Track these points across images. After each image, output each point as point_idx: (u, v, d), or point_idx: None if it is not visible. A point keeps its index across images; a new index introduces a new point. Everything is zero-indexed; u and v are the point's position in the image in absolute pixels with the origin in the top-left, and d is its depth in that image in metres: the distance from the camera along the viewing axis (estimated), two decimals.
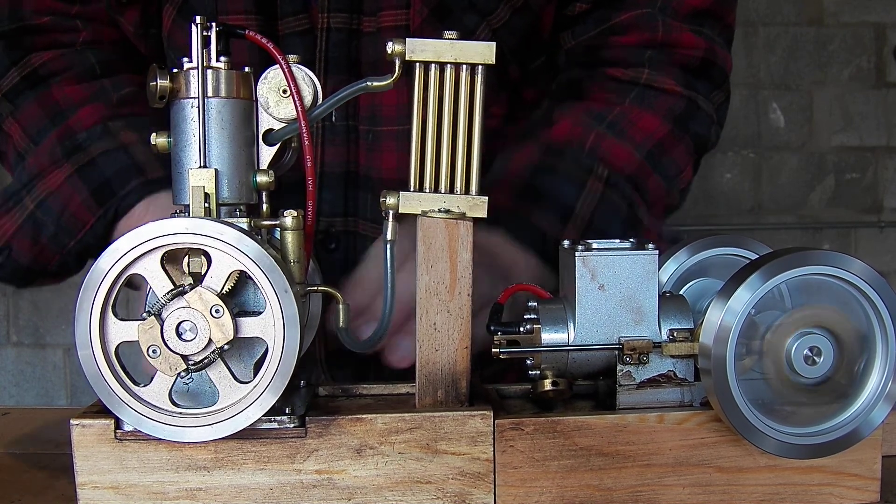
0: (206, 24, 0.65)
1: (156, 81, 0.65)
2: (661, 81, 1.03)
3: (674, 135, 1.02)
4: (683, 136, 1.03)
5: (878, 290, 0.65)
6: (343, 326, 0.69)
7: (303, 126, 0.67)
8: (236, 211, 0.66)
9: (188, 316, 0.60)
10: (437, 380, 0.67)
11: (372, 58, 0.99)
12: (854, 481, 0.68)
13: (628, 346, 0.67)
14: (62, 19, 1.04)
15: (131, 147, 0.97)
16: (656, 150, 1.01)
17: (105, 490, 0.64)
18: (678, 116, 1.03)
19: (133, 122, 0.99)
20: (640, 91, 1.03)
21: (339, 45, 0.99)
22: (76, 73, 1.02)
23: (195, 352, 0.61)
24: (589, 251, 0.68)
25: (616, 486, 0.67)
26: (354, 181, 1.01)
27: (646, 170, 1.00)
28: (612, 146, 0.99)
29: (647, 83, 1.03)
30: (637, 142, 1.00)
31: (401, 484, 0.65)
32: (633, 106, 1.02)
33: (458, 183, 0.68)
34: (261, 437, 0.64)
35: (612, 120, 1.01)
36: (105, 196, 0.95)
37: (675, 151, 1.03)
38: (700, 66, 1.05)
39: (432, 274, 0.66)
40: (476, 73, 0.67)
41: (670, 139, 1.02)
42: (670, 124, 1.02)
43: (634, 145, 1.00)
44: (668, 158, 1.02)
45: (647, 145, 1.01)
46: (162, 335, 0.60)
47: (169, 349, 0.60)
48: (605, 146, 0.99)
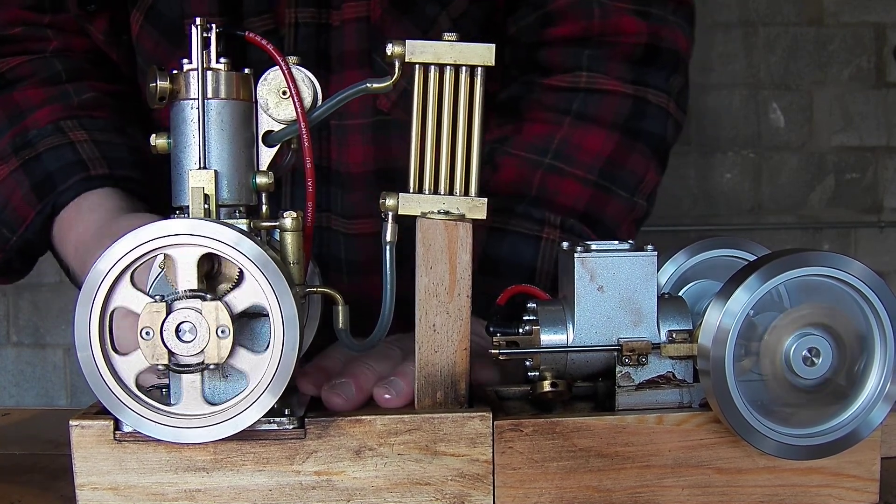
0: (205, 24, 0.66)
1: (156, 83, 0.65)
2: (603, 83, 1.00)
3: (624, 145, 0.99)
4: (635, 142, 1.00)
5: (876, 291, 0.65)
6: (342, 328, 0.69)
7: (303, 127, 0.67)
8: (236, 212, 0.66)
9: (195, 321, 0.60)
10: (437, 381, 0.67)
11: (339, 51, 0.99)
12: (853, 482, 0.68)
13: (627, 348, 0.68)
14: (33, 29, 1.04)
15: (79, 144, 0.96)
16: (609, 169, 0.99)
17: (104, 491, 0.64)
18: (626, 120, 1.00)
19: (87, 123, 0.99)
20: (582, 100, 1.00)
21: (307, 39, 0.99)
22: (41, 79, 1.02)
23: (184, 355, 0.61)
24: (588, 252, 0.68)
25: (615, 487, 0.67)
26: (326, 176, 1.00)
27: (600, 198, 0.98)
28: (559, 184, 0.97)
29: (588, 87, 1.00)
30: (587, 166, 0.98)
31: (400, 485, 0.65)
32: (575, 125, 0.99)
33: (457, 184, 0.68)
34: (260, 438, 0.64)
35: (556, 149, 0.98)
36: (45, 191, 0.95)
37: (630, 161, 1.00)
38: (645, 54, 1.01)
39: (431, 275, 0.67)
40: (475, 75, 0.68)
41: (621, 151, 0.99)
42: (618, 133, 0.99)
43: (584, 173, 0.97)
44: (624, 172, 0.99)
45: (597, 166, 0.98)
46: (162, 324, 0.60)
47: (162, 339, 0.60)
48: (552, 186, 0.97)
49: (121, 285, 0.61)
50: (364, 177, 1.00)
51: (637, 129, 1.00)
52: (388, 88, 0.68)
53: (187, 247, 0.61)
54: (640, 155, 1.01)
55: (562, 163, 0.98)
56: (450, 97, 0.68)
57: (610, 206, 0.99)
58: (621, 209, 1.00)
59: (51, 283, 2.61)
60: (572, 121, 0.99)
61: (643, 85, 1.01)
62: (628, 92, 1.00)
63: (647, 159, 1.02)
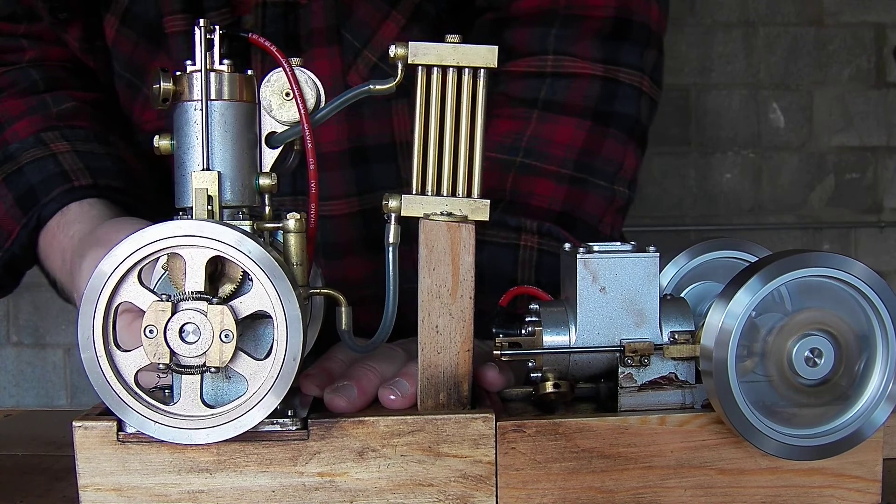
0: (209, 26, 0.66)
1: (159, 84, 0.65)
2: (570, 65, 0.97)
3: (596, 132, 0.97)
4: (607, 127, 0.97)
5: (878, 291, 0.65)
6: (345, 329, 0.69)
7: (306, 129, 0.67)
8: (239, 213, 0.66)
9: (200, 323, 0.60)
10: (439, 382, 0.68)
11: (307, 29, 0.98)
12: (855, 483, 0.68)
13: (630, 349, 0.68)
14: (8, 40, 1.04)
15: (61, 155, 0.95)
16: (584, 159, 0.96)
17: (107, 492, 0.64)
18: (596, 104, 0.97)
19: (68, 134, 0.98)
20: (549, 87, 0.97)
21: (275, 19, 0.98)
22: (18, 90, 1.02)
23: (186, 356, 0.61)
24: (590, 254, 0.68)
25: (618, 487, 0.67)
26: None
27: (577, 194, 0.96)
28: (532, 185, 0.95)
29: (555, 71, 0.97)
30: (560, 159, 0.96)
31: (403, 486, 0.66)
32: (544, 118, 0.97)
33: (460, 186, 0.68)
34: (263, 439, 0.64)
35: (527, 146, 0.96)
36: (29, 204, 0.94)
37: (605, 149, 0.97)
38: (614, 29, 0.98)
39: (434, 277, 0.67)
40: (478, 77, 0.68)
41: (594, 139, 0.97)
42: (588, 121, 0.97)
43: (558, 167, 0.95)
44: (600, 160, 0.97)
45: (571, 158, 0.96)
46: (167, 324, 0.60)
47: (165, 339, 0.60)
48: (525, 188, 0.95)
49: (127, 282, 0.61)
50: (338, 156, 1.00)
51: (609, 113, 0.98)
52: (392, 90, 0.68)
53: (191, 248, 0.61)
54: (614, 140, 0.98)
55: (534, 160, 0.96)
56: (452, 99, 0.68)
57: (588, 201, 0.97)
58: (600, 201, 0.98)
59: None
60: (540, 113, 0.97)
61: (614, 63, 0.98)
62: (597, 73, 0.97)
63: (622, 144, 0.99)
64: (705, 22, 2.60)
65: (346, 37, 0.99)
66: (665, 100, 2.58)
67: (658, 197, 2.60)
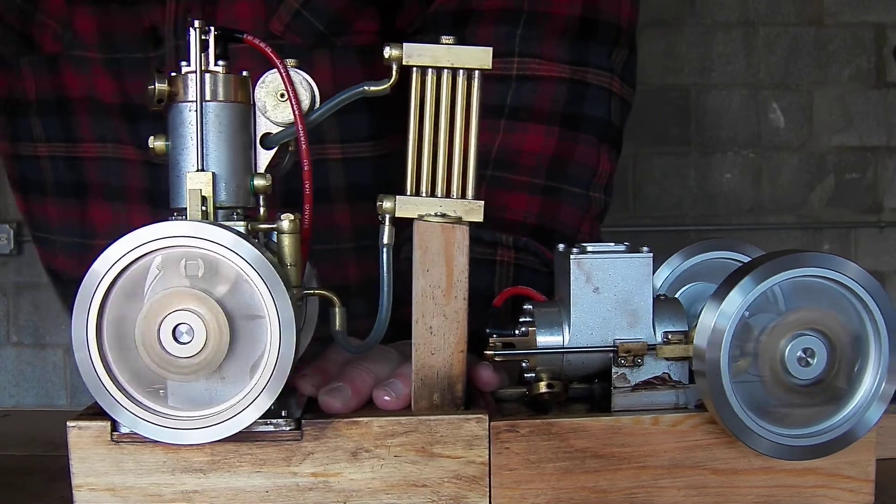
0: (204, 27, 0.66)
1: (154, 85, 0.65)
2: (536, 68, 0.94)
3: (566, 138, 0.95)
4: (577, 132, 0.95)
5: (870, 291, 0.65)
6: (339, 330, 0.70)
7: (300, 130, 0.68)
8: (234, 214, 0.67)
9: (193, 323, 0.61)
10: (433, 383, 0.68)
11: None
12: (848, 483, 0.69)
13: (623, 349, 0.68)
14: None
15: None
16: (556, 168, 0.94)
17: (101, 492, 0.65)
18: (564, 108, 0.95)
19: None
20: (515, 92, 0.94)
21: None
22: None
23: (180, 357, 0.61)
24: (584, 254, 0.68)
25: (611, 487, 0.67)
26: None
27: (551, 205, 0.94)
28: (506, 199, 0.93)
29: (521, 73, 0.95)
30: (532, 169, 0.94)
31: (396, 487, 0.66)
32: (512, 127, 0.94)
33: (454, 187, 0.68)
34: (257, 439, 0.65)
35: (496, 159, 0.94)
36: None
37: (577, 154, 0.95)
38: (581, 29, 0.96)
39: (428, 277, 0.67)
40: (472, 78, 0.68)
41: (565, 145, 0.95)
42: (557, 126, 0.94)
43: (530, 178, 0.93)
44: (573, 165, 0.95)
45: (543, 166, 0.94)
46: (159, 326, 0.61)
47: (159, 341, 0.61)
48: (498, 202, 0.92)
49: (118, 287, 0.61)
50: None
51: (578, 116, 0.95)
52: (386, 91, 0.68)
53: (185, 248, 0.61)
54: (584, 145, 0.96)
55: (504, 172, 0.94)
56: (447, 100, 0.68)
57: (563, 211, 0.95)
58: (576, 210, 0.96)
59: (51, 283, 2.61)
60: (507, 122, 0.95)
61: (582, 64, 0.96)
62: (564, 76, 0.95)
63: (594, 148, 0.97)
64: (705, 22, 2.60)
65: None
66: (665, 100, 2.60)
67: (658, 197, 2.60)
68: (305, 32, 0.98)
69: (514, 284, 0.90)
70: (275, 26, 0.97)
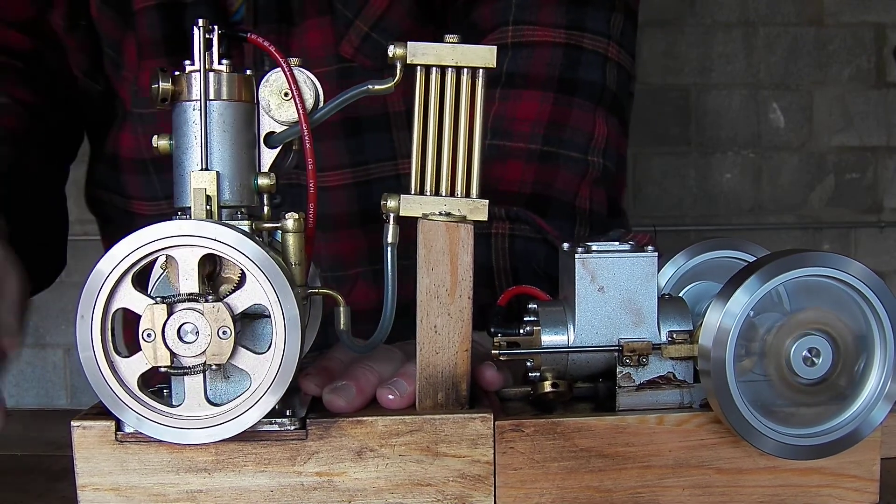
0: (208, 27, 0.66)
1: (158, 84, 0.65)
2: (530, 34, 0.96)
3: (561, 102, 0.95)
4: (572, 96, 0.96)
5: (876, 291, 0.65)
6: (344, 329, 0.69)
7: (304, 129, 0.67)
8: (238, 213, 0.66)
9: (197, 322, 0.60)
10: (438, 382, 0.68)
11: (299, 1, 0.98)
12: (853, 483, 0.68)
13: (628, 348, 0.68)
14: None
15: None
16: (552, 133, 0.95)
17: (105, 492, 0.64)
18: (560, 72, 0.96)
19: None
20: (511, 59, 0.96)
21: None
22: None
23: (186, 356, 0.61)
24: (589, 253, 0.68)
25: (616, 487, 0.67)
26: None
27: (547, 172, 0.95)
28: (501, 170, 0.94)
29: (516, 41, 0.96)
30: (528, 136, 0.94)
31: (401, 486, 0.66)
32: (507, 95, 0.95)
33: (458, 186, 0.68)
34: (261, 439, 0.65)
35: (494, 127, 0.95)
36: None
37: (572, 118, 0.96)
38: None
39: (433, 277, 0.67)
40: (477, 77, 0.68)
41: (560, 110, 0.96)
42: (552, 91, 0.95)
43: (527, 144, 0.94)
44: (569, 130, 0.96)
45: (539, 133, 0.95)
46: (164, 326, 0.60)
47: (164, 341, 0.60)
48: (495, 173, 0.94)
49: (122, 287, 0.61)
50: (330, 126, 0.99)
51: (573, 81, 0.96)
52: (391, 90, 0.68)
53: (189, 247, 0.61)
54: (579, 109, 0.97)
55: (501, 140, 0.95)
56: (451, 99, 0.68)
57: (559, 177, 0.95)
58: (572, 176, 0.96)
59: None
60: (503, 91, 0.96)
61: (578, 29, 0.97)
62: (559, 40, 0.96)
63: (589, 112, 0.97)
64: (705, 22, 2.60)
65: (337, 7, 0.98)
66: (665, 100, 2.60)
67: (658, 197, 2.60)
68: (375, 54, 1.00)
69: (510, 254, 0.91)
70: (345, 50, 0.98)
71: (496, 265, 0.92)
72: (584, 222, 0.97)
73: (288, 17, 0.98)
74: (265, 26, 0.98)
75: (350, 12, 1.00)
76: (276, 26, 0.99)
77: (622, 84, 1.02)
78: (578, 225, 0.96)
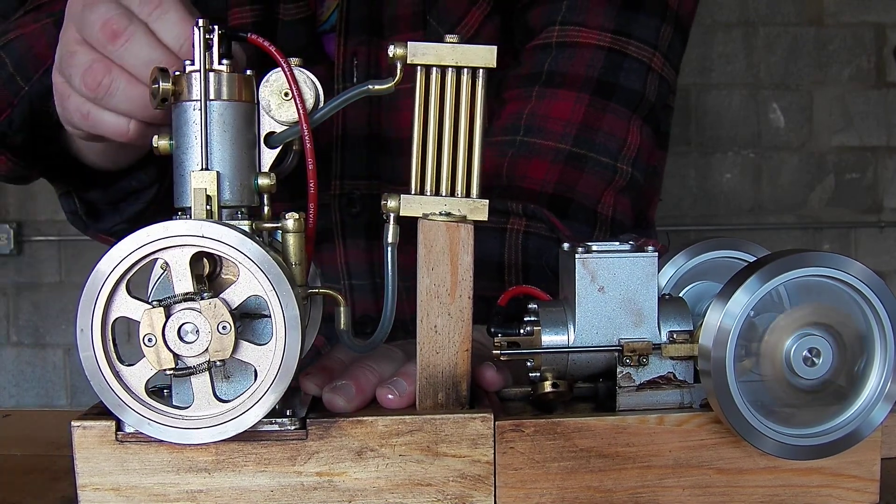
0: (208, 26, 0.66)
1: (158, 84, 0.65)
2: (575, 35, 0.96)
3: (595, 105, 0.95)
4: (608, 101, 0.96)
5: (876, 291, 0.65)
6: (343, 329, 0.70)
7: (304, 129, 0.67)
8: (238, 213, 0.66)
9: (196, 321, 0.60)
10: (438, 382, 0.68)
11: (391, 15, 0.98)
12: (853, 483, 0.68)
13: (628, 348, 0.68)
14: None
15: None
16: (583, 134, 0.95)
17: (106, 492, 0.64)
18: (599, 74, 0.95)
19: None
20: (553, 58, 0.96)
21: (359, 5, 0.97)
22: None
23: (189, 356, 0.61)
24: (589, 253, 0.68)
25: (616, 487, 0.67)
26: (377, 143, 0.99)
27: (571, 173, 0.95)
28: (526, 168, 0.94)
29: (560, 41, 0.96)
30: (558, 135, 0.94)
31: (401, 486, 0.66)
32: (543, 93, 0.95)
33: (458, 186, 0.68)
34: (262, 439, 0.65)
35: (526, 124, 0.95)
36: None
37: (605, 122, 0.96)
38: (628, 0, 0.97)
39: (433, 277, 0.67)
40: (477, 77, 0.68)
41: (593, 113, 0.95)
42: (589, 93, 0.95)
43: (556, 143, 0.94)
44: (601, 134, 0.95)
45: (570, 133, 0.95)
46: (164, 329, 0.60)
47: (165, 344, 0.60)
48: (520, 171, 0.94)
49: (118, 296, 0.61)
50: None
51: (611, 85, 0.96)
52: (391, 90, 0.68)
53: (187, 248, 0.61)
54: (613, 115, 0.96)
55: (532, 137, 0.95)
56: (451, 99, 0.68)
57: (583, 181, 0.95)
58: (597, 181, 0.96)
59: (51, 283, 2.61)
60: (540, 89, 0.96)
61: (625, 35, 0.96)
62: (603, 44, 0.96)
63: (624, 119, 0.97)
64: (705, 22, 2.60)
65: (431, 23, 0.97)
66: None
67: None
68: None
69: (523, 251, 0.91)
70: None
71: (507, 260, 0.92)
72: (604, 229, 0.97)
73: (378, 31, 0.98)
74: (355, 37, 0.98)
75: (443, 28, 0.99)
76: (366, 38, 0.99)
77: (662, 96, 1.01)
78: (598, 230, 0.96)
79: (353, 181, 0.99)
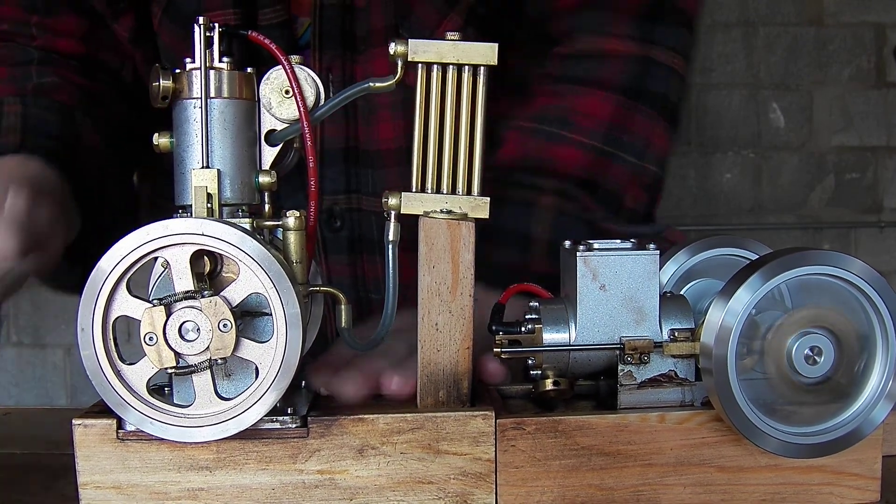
0: (208, 24, 0.66)
1: (158, 82, 0.65)
2: (603, 44, 0.98)
3: (625, 106, 0.98)
4: (635, 103, 0.98)
5: (878, 289, 0.65)
6: (345, 327, 0.69)
7: (305, 127, 0.67)
8: (239, 211, 0.66)
9: (196, 319, 0.60)
10: (439, 380, 0.68)
11: (365, 30, 0.98)
12: (854, 481, 0.68)
13: (629, 346, 0.68)
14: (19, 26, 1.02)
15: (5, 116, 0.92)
16: (613, 133, 0.97)
17: (107, 490, 0.64)
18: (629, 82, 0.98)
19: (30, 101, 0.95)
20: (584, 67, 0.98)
21: (332, 20, 0.98)
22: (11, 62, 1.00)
23: (190, 354, 0.61)
24: (590, 251, 0.68)
25: (617, 485, 0.67)
26: (355, 157, 0.99)
27: (601, 162, 0.97)
28: (557, 151, 0.96)
29: (590, 52, 0.99)
30: (589, 131, 0.96)
31: (402, 484, 0.66)
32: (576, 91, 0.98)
33: (459, 184, 0.68)
34: (263, 437, 0.64)
35: (556, 116, 0.97)
36: None
37: (633, 124, 0.98)
38: (652, 8, 1.00)
39: (434, 274, 0.67)
40: (478, 74, 0.68)
41: (622, 113, 0.98)
42: (618, 95, 0.98)
43: (586, 138, 0.96)
44: (629, 134, 0.98)
45: (600, 131, 0.97)
46: (164, 327, 0.60)
47: (167, 342, 0.60)
48: (550, 153, 0.96)
49: (119, 294, 0.61)
50: (394, 153, 1.00)
51: (639, 90, 0.99)
52: (391, 87, 0.68)
53: (188, 246, 0.61)
54: (641, 116, 0.99)
55: (562, 129, 0.97)
56: (452, 97, 0.68)
57: (612, 172, 0.97)
58: (625, 174, 0.98)
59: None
60: (574, 87, 0.98)
61: (650, 42, 0.99)
62: (632, 52, 0.99)
63: (651, 121, 1.00)
64: (705, 22, 2.60)
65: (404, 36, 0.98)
66: None
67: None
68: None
69: (552, 228, 0.93)
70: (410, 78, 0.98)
71: (534, 233, 0.93)
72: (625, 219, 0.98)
73: (352, 46, 0.99)
74: (329, 52, 0.98)
75: None
76: (340, 52, 1.00)
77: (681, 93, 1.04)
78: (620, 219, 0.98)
79: (333, 196, 1.00)
